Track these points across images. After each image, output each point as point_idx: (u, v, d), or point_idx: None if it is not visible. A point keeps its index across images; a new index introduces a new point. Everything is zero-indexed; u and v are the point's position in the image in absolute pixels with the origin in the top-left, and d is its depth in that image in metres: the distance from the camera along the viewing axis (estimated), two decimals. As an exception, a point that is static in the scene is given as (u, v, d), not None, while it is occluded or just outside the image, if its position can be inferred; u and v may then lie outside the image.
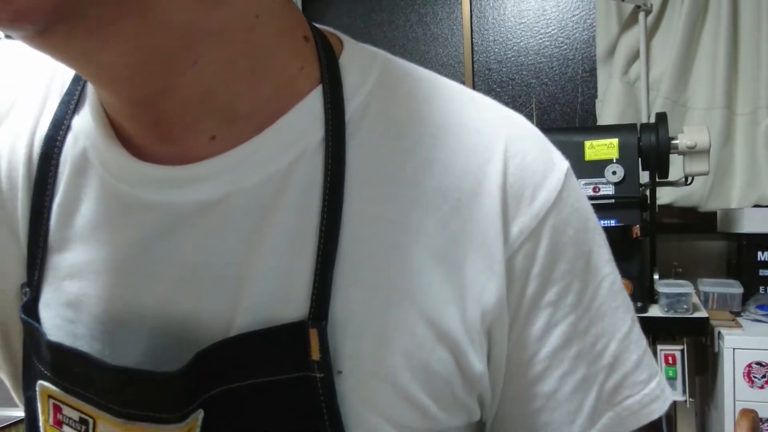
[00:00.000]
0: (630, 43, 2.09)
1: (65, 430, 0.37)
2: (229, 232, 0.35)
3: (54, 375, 0.36)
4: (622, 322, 0.41)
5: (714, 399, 1.65)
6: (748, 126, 1.98)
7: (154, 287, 0.35)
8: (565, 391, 0.39)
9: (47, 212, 0.37)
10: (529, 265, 0.37)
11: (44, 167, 0.38)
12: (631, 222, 1.51)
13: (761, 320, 1.62)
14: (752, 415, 1.14)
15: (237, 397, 0.34)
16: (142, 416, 0.34)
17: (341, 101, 0.37)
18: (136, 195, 0.36)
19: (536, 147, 0.40)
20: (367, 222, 0.35)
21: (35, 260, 0.37)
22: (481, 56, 2.41)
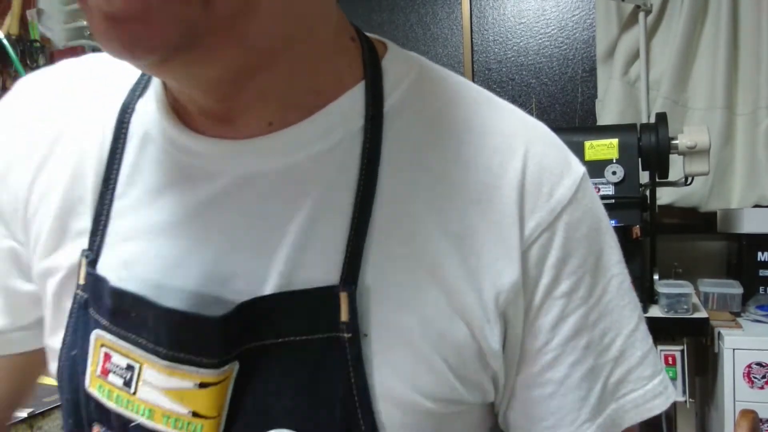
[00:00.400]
0: (630, 43, 2.09)
1: (110, 379, 0.40)
2: (272, 202, 0.39)
3: (111, 322, 0.40)
4: (629, 319, 0.44)
5: (714, 399, 1.65)
6: (748, 126, 1.98)
7: (201, 249, 0.39)
8: (575, 378, 0.42)
9: (113, 183, 0.42)
10: (544, 257, 0.41)
11: (114, 145, 0.43)
12: (631, 222, 1.51)
13: (761, 320, 1.62)
14: (752, 415, 1.14)
15: (270, 354, 0.38)
16: (186, 359, 0.38)
17: (381, 96, 0.41)
18: (196, 165, 0.40)
19: (555, 151, 0.43)
20: (397, 202, 0.39)
21: (98, 227, 0.42)
22: (481, 56, 2.41)
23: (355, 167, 0.40)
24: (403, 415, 0.39)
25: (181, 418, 0.39)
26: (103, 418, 0.41)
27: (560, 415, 0.43)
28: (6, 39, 1.71)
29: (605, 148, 1.58)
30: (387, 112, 0.41)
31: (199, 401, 0.38)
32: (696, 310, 1.52)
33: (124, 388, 0.40)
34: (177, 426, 0.39)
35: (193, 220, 0.40)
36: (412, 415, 0.39)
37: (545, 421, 0.43)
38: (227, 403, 0.39)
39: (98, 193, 0.42)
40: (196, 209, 0.40)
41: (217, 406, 0.38)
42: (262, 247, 0.39)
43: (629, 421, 0.44)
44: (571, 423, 0.43)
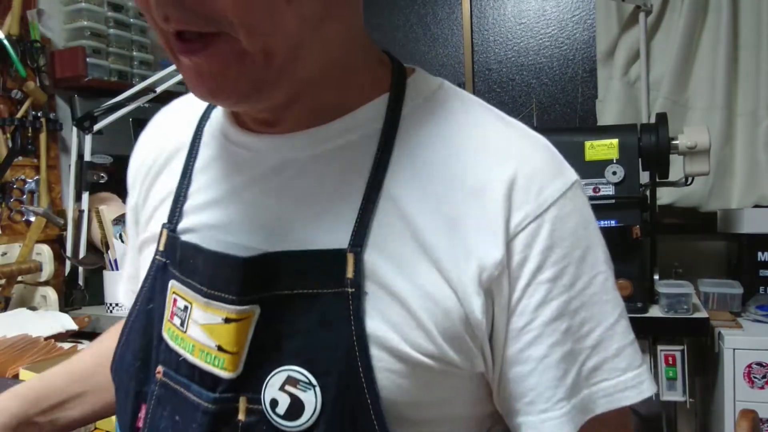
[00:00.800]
0: (630, 43, 2.09)
1: (174, 321, 0.51)
2: (300, 182, 0.49)
3: (179, 271, 0.51)
4: (610, 314, 0.48)
5: (714, 399, 1.65)
6: (748, 126, 1.98)
7: (246, 215, 0.50)
8: (553, 358, 0.46)
9: (190, 173, 0.55)
10: (531, 244, 0.46)
11: (192, 144, 0.57)
12: (631, 222, 1.51)
13: (761, 320, 1.62)
14: (752, 415, 1.14)
15: (286, 303, 0.46)
16: (217, 296, 0.47)
17: (401, 104, 0.50)
18: (246, 155, 0.52)
19: (549, 160, 0.50)
20: (402, 187, 0.47)
21: (176, 206, 0.55)
22: (481, 56, 2.41)
23: (371, 158, 0.48)
24: (394, 361, 0.45)
25: (210, 352, 0.47)
26: (166, 359, 0.51)
27: (538, 391, 0.47)
28: (6, 39, 1.71)
29: (605, 148, 1.58)
30: (404, 116, 0.50)
31: (224, 336, 0.47)
32: (696, 310, 1.52)
33: (180, 327, 0.50)
34: (207, 360, 0.48)
35: (242, 194, 0.51)
36: (402, 363, 0.45)
37: (525, 398, 0.47)
38: (248, 343, 0.46)
39: (178, 182, 0.56)
40: (244, 187, 0.51)
41: (238, 342, 0.46)
42: (290, 215, 0.49)
43: (601, 408, 0.47)
44: (548, 399, 0.47)
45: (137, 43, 2.09)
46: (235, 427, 0.46)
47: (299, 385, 0.45)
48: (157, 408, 0.51)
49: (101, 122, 1.77)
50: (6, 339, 1.25)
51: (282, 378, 0.45)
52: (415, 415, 0.47)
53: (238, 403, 0.46)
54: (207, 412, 0.47)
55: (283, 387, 0.45)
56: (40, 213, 1.74)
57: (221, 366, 0.47)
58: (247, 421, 0.46)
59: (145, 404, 0.52)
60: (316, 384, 0.44)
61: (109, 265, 1.71)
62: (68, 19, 1.92)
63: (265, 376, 0.46)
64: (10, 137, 1.75)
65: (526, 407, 0.47)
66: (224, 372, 0.47)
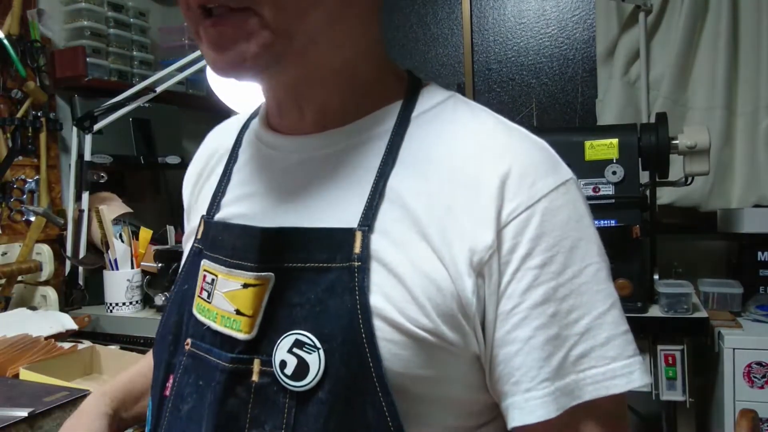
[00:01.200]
0: (630, 43, 2.09)
1: (202, 295, 0.57)
2: (319, 174, 0.56)
3: (211, 250, 0.58)
4: (601, 303, 0.50)
5: (714, 399, 1.65)
6: (748, 126, 1.98)
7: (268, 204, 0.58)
8: (538, 340, 0.49)
9: (229, 173, 0.64)
10: (521, 232, 0.49)
11: (233, 150, 0.66)
12: (631, 222, 1.51)
13: (761, 320, 1.62)
14: (752, 415, 1.14)
15: (297, 273, 0.52)
16: (238, 264, 0.53)
17: (412, 110, 0.57)
18: (275, 153, 0.60)
19: (545, 159, 0.53)
20: (405, 180, 0.53)
21: (214, 201, 0.63)
22: (481, 56, 2.41)
23: (380, 155, 0.54)
24: (393, 331, 0.49)
25: (230, 316, 0.53)
26: (194, 332, 0.56)
27: (523, 370, 0.49)
28: (6, 39, 1.71)
29: (605, 148, 1.58)
30: (414, 117, 0.56)
31: (242, 300, 0.52)
32: (696, 309, 1.52)
33: (207, 300, 0.56)
34: (226, 324, 0.53)
35: (269, 186, 0.59)
36: (401, 334, 0.49)
37: (512, 378, 0.50)
38: (263, 308, 0.52)
39: (218, 182, 0.64)
40: (271, 180, 0.59)
41: (254, 306, 0.52)
42: (306, 200, 0.56)
43: (589, 395, 0.49)
44: (532, 379, 0.49)
45: (137, 43, 2.09)
46: (248, 387, 0.51)
47: (305, 347, 0.49)
48: (183, 376, 0.56)
49: (101, 122, 1.77)
50: (6, 339, 1.25)
51: (291, 341, 0.50)
52: (415, 388, 0.50)
53: (252, 365, 0.51)
54: (225, 371, 0.52)
55: (291, 349, 0.50)
56: (40, 213, 1.74)
57: (238, 328, 0.52)
58: (260, 382, 0.51)
59: (172, 375, 0.58)
60: (320, 347, 0.49)
61: (109, 265, 1.71)
62: (68, 18, 1.92)
63: (277, 339, 0.51)
64: (10, 137, 1.75)
65: (512, 388, 0.50)
66: (240, 334, 0.52)
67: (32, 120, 1.79)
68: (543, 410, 0.48)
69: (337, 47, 0.53)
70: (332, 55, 0.53)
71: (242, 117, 0.69)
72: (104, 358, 1.28)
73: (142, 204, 2.11)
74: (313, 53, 0.52)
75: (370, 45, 0.56)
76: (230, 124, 0.71)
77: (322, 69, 0.54)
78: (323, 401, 0.48)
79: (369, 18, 0.55)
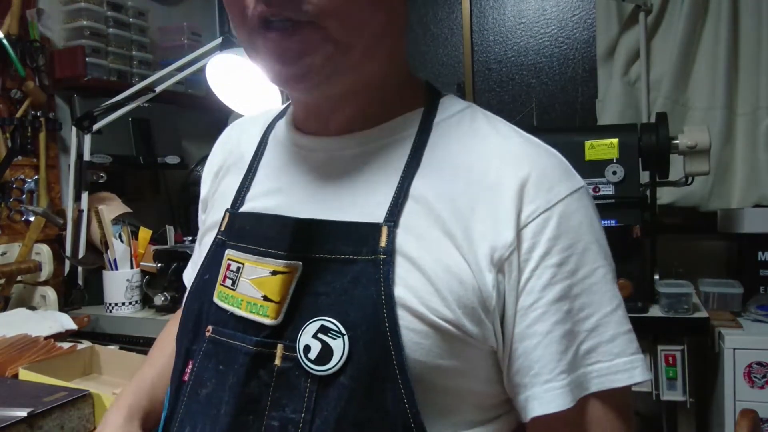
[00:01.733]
0: (630, 43, 2.08)
1: (226, 283, 0.58)
2: (346, 173, 0.59)
3: (236, 240, 0.60)
4: (607, 303, 0.54)
5: (714, 399, 1.65)
6: (748, 126, 1.97)
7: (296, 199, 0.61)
8: (556, 334, 0.52)
9: (254, 169, 0.67)
10: (540, 233, 0.53)
11: (258, 148, 0.68)
12: (631, 222, 1.50)
13: (761, 320, 1.62)
14: (752, 415, 1.14)
15: (324, 264, 0.54)
16: (268, 252, 0.56)
17: (434, 116, 0.61)
18: (302, 152, 0.63)
19: (560, 167, 0.57)
20: (429, 181, 0.56)
21: (239, 196, 0.65)
22: (481, 56, 2.41)
23: (405, 157, 0.58)
24: (416, 321, 0.51)
25: (256, 302, 0.55)
26: (215, 319, 0.58)
27: (542, 363, 0.52)
28: (5, 39, 1.71)
29: (605, 148, 1.58)
30: (436, 124, 0.60)
31: (270, 286, 0.54)
32: (696, 309, 1.51)
33: (231, 287, 0.58)
34: (252, 310, 0.55)
35: (296, 182, 0.62)
36: (423, 324, 0.51)
37: (532, 370, 0.53)
38: (290, 294, 0.54)
39: (242, 177, 0.66)
40: (298, 176, 0.62)
41: (281, 292, 0.54)
42: (335, 197, 0.59)
43: (594, 387, 0.53)
44: (551, 371, 0.52)
45: (137, 43, 2.09)
46: (270, 371, 0.53)
47: (330, 333, 0.51)
48: (203, 361, 0.58)
49: (101, 122, 1.77)
50: (5, 339, 1.25)
51: (316, 326, 0.52)
52: (434, 378, 0.52)
53: (275, 350, 0.53)
54: (248, 354, 0.54)
55: (316, 334, 0.52)
56: (39, 213, 1.74)
57: (265, 314, 0.54)
58: (282, 366, 0.53)
59: (192, 360, 0.59)
60: (345, 333, 0.51)
61: (109, 265, 1.71)
62: (68, 18, 1.92)
63: (302, 325, 0.53)
64: (9, 137, 1.75)
65: (531, 380, 0.53)
66: (267, 319, 0.54)
67: (31, 120, 1.79)
68: (561, 400, 0.51)
69: (381, 60, 0.57)
70: (377, 67, 0.57)
71: (266, 117, 0.72)
72: (104, 358, 1.28)
73: (141, 204, 2.11)
74: (366, 65, 0.55)
75: (400, 57, 0.61)
76: (251, 123, 0.73)
77: (364, 80, 0.57)
78: (345, 386, 0.50)
79: (402, 33, 0.60)
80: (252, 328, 0.55)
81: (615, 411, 0.55)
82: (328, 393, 0.51)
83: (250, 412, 0.53)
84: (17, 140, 1.76)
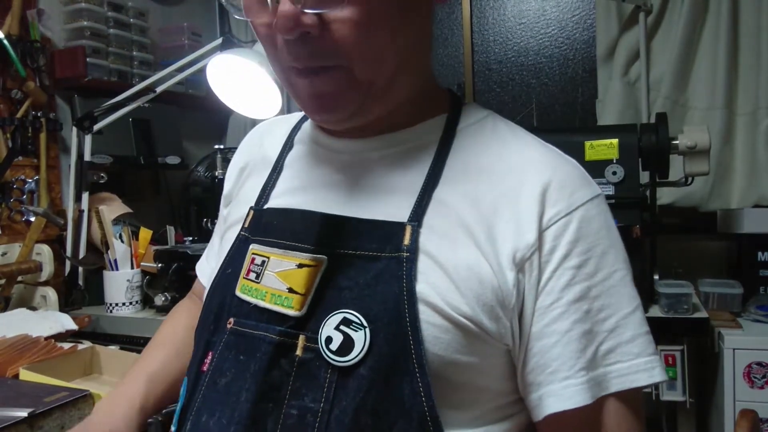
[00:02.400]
0: (630, 43, 2.08)
1: (250, 276, 0.60)
2: (371, 174, 0.61)
3: (261, 235, 0.62)
4: (626, 305, 0.56)
5: (714, 399, 1.65)
6: (748, 126, 1.97)
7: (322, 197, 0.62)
8: (575, 333, 0.54)
9: (280, 168, 0.69)
10: (561, 236, 0.55)
11: (284, 148, 0.71)
12: (631, 222, 1.51)
13: (761, 320, 1.62)
14: (752, 415, 1.14)
15: (348, 259, 0.56)
16: (295, 246, 0.58)
17: (457, 122, 0.63)
18: (328, 153, 0.65)
19: (580, 173, 0.59)
20: (453, 184, 0.58)
21: (264, 193, 0.68)
22: (481, 56, 2.41)
23: (429, 159, 0.60)
24: (436, 315, 0.53)
25: (281, 294, 0.57)
26: (237, 312, 0.60)
27: (561, 360, 0.53)
28: (6, 39, 1.71)
29: (605, 148, 1.58)
30: (459, 130, 0.63)
31: (296, 279, 0.56)
32: (696, 310, 1.52)
33: (255, 280, 0.59)
34: (277, 302, 0.57)
35: (322, 181, 0.64)
36: (443, 319, 0.53)
37: (549, 368, 0.54)
38: (314, 287, 0.56)
39: (267, 176, 0.69)
40: (324, 176, 0.64)
41: (306, 285, 0.56)
42: (361, 196, 0.61)
43: (615, 387, 0.54)
44: (570, 368, 0.53)
45: (137, 43, 2.09)
46: (292, 361, 0.55)
47: (352, 325, 0.53)
48: (224, 352, 0.59)
49: (101, 122, 1.77)
50: (6, 339, 1.25)
51: (338, 318, 0.54)
52: (451, 374, 0.53)
53: (297, 341, 0.55)
54: (272, 343, 0.55)
55: (338, 326, 0.53)
56: (40, 213, 1.74)
57: (289, 305, 0.56)
58: (304, 356, 0.54)
59: (212, 351, 0.60)
60: (366, 326, 0.53)
61: (109, 265, 1.71)
62: (68, 19, 1.92)
63: (324, 317, 0.54)
64: (10, 137, 1.75)
65: (548, 377, 0.54)
66: (291, 311, 0.55)
67: (32, 120, 1.79)
68: (580, 397, 0.53)
69: (408, 81, 0.60)
70: (405, 89, 0.60)
71: (292, 119, 0.75)
72: (104, 358, 1.28)
73: (142, 204, 2.11)
74: (394, 92, 0.58)
75: (426, 71, 0.64)
76: (277, 125, 0.76)
77: (393, 102, 0.60)
78: (364, 377, 0.52)
79: (428, 49, 0.63)
80: (276, 319, 0.56)
81: (633, 411, 0.56)
82: (347, 383, 0.52)
83: (269, 400, 0.54)
84: (18, 140, 1.76)
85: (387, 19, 0.54)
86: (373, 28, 0.53)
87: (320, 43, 0.53)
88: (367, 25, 0.52)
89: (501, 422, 0.58)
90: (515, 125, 0.65)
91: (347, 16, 0.52)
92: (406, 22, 0.56)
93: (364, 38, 0.53)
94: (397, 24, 0.55)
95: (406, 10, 0.56)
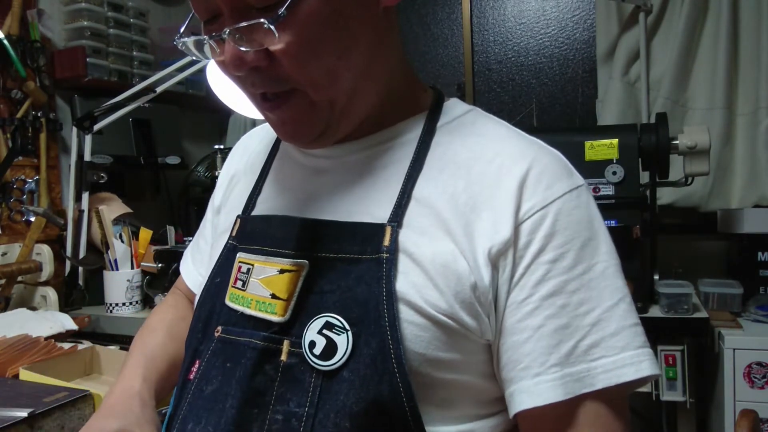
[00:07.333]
0: (630, 43, 2.08)
1: (237, 284, 0.61)
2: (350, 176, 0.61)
3: (246, 242, 0.63)
4: (609, 298, 0.54)
5: (714, 399, 1.65)
6: (748, 126, 1.97)
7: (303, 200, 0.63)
8: (548, 329, 0.53)
9: (265, 176, 0.70)
10: (536, 230, 0.54)
11: (269, 157, 0.72)
12: (631, 222, 1.51)
13: (761, 320, 1.62)
14: (752, 415, 1.14)
15: (330, 263, 0.56)
16: (276, 252, 0.58)
17: (436, 121, 0.63)
18: (307, 159, 0.66)
19: (559, 165, 0.58)
20: (431, 182, 0.58)
21: (250, 202, 0.68)
22: (481, 56, 2.41)
23: (408, 159, 0.60)
24: (415, 314, 0.53)
25: (264, 301, 0.57)
26: (226, 320, 0.60)
27: (533, 357, 0.53)
28: (6, 39, 1.71)
29: (605, 148, 1.58)
30: (439, 127, 0.62)
31: (278, 285, 0.57)
32: (696, 310, 1.52)
33: (241, 288, 0.60)
34: (261, 308, 0.57)
35: (303, 186, 0.65)
36: (422, 317, 0.53)
37: (521, 364, 0.53)
38: (297, 292, 0.56)
39: (254, 184, 0.70)
40: (305, 180, 0.65)
41: (289, 290, 0.56)
42: (340, 198, 0.61)
43: (601, 383, 0.52)
44: (542, 364, 0.52)
45: (137, 43, 2.09)
46: (276, 366, 0.55)
47: (335, 329, 0.53)
48: (211, 359, 0.59)
49: (101, 122, 1.77)
50: (6, 339, 1.25)
51: (321, 323, 0.54)
52: (434, 371, 0.53)
53: (282, 346, 0.55)
54: (256, 349, 0.56)
55: (321, 330, 0.54)
56: (40, 213, 1.74)
57: (273, 311, 0.56)
58: (288, 362, 0.55)
59: (199, 360, 0.61)
60: (348, 329, 0.53)
61: (109, 265, 1.71)
62: (68, 19, 1.92)
63: (308, 322, 0.55)
64: (10, 137, 1.75)
65: (520, 373, 0.53)
66: (275, 316, 0.56)
67: (32, 120, 1.79)
68: (551, 393, 0.52)
69: (374, 88, 0.60)
70: (373, 97, 0.60)
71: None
72: (104, 358, 1.28)
73: (142, 204, 2.11)
74: (359, 103, 0.59)
75: (398, 66, 0.63)
76: (264, 132, 0.77)
77: (362, 111, 0.60)
78: (347, 380, 0.52)
79: (394, 45, 0.61)
80: (260, 325, 0.57)
81: (612, 410, 0.54)
82: (331, 387, 0.52)
83: (255, 406, 0.54)
84: (18, 140, 1.76)
85: (327, 41, 0.53)
86: (314, 53, 0.53)
87: (270, 74, 0.54)
88: (307, 52, 0.53)
89: (485, 419, 0.57)
90: (498, 120, 0.64)
91: (285, 49, 0.52)
92: (350, 35, 0.55)
93: (307, 65, 0.53)
94: (340, 42, 0.54)
95: (347, 26, 0.54)
